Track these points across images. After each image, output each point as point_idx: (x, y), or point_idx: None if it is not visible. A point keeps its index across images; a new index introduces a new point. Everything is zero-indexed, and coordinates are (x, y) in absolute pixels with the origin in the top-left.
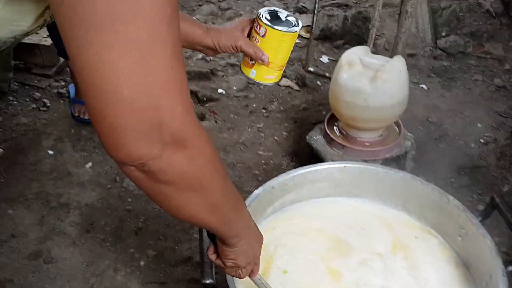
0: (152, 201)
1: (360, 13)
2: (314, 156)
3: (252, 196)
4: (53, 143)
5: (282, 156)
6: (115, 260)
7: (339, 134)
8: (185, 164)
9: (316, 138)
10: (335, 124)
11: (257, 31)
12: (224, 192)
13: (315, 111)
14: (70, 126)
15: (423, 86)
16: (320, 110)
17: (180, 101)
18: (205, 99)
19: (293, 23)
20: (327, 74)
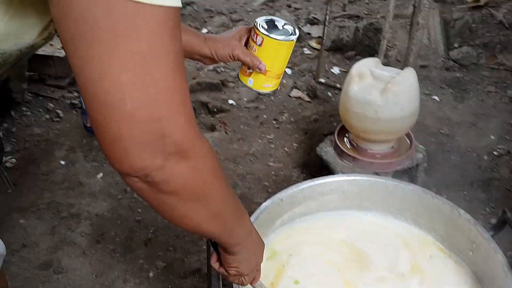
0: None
1: (372, 24)
2: (325, 168)
3: (261, 209)
4: (65, 154)
5: (292, 168)
6: (125, 271)
7: (350, 146)
8: (188, 174)
9: (327, 150)
10: (346, 136)
11: (254, 40)
12: (226, 201)
13: (326, 123)
14: (82, 137)
15: (435, 98)
16: (331, 122)
17: (183, 112)
18: (216, 110)
19: (290, 32)
20: (338, 85)
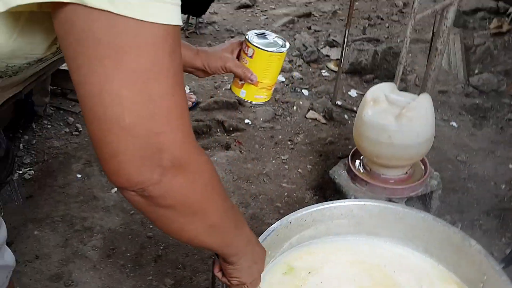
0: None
1: (391, 48)
2: (337, 191)
3: (269, 230)
4: (82, 167)
5: (306, 190)
6: (134, 287)
7: (363, 170)
8: (185, 189)
9: (340, 173)
10: (360, 160)
11: (246, 52)
12: (224, 213)
13: (341, 145)
14: None
15: (454, 124)
16: (346, 145)
17: (181, 128)
18: (231, 129)
19: (281, 44)
20: (355, 108)
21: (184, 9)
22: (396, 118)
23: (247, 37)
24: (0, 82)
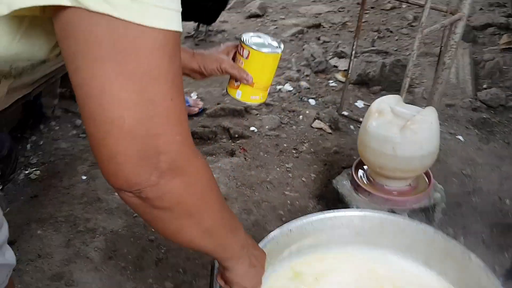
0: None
1: (399, 61)
2: (340, 201)
3: (268, 238)
4: (87, 169)
5: (309, 198)
6: None
7: (366, 181)
8: (182, 191)
9: (343, 183)
10: (363, 170)
11: (241, 54)
12: (220, 217)
13: (346, 155)
14: None
15: (460, 138)
16: (351, 155)
17: (179, 131)
18: (237, 136)
19: (276, 46)
20: (361, 119)
21: (195, 17)
22: (401, 130)
23: (242, 39)
24: (11, 84)
